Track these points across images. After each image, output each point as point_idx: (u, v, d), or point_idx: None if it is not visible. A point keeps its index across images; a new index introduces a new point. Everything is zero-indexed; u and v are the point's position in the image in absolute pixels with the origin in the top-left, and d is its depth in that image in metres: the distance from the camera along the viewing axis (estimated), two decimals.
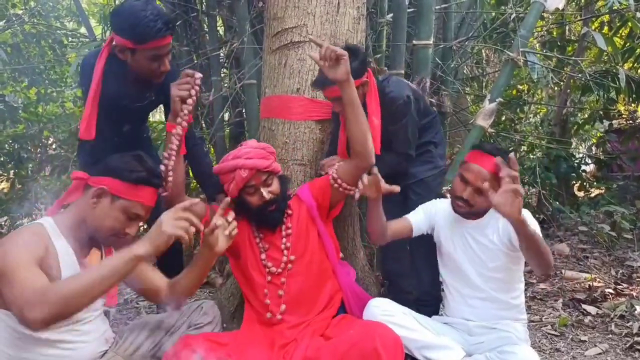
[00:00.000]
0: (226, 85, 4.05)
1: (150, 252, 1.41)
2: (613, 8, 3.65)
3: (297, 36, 2.38)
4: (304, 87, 2.39)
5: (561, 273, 3.49)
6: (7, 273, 1.37)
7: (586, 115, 5.98)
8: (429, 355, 1.85)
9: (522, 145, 5.46)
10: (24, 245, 1.45)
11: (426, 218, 2.16)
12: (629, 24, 4.33)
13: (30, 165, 6.07)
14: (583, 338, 2.55)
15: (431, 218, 2.16)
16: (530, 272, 3.58)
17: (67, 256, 1.56)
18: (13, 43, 5.40)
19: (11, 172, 5.89)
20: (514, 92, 5.89)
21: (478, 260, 2.02)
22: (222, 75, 4.14)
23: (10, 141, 5.87)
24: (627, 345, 2.44)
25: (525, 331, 2.05)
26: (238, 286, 2.58)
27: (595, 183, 5.65)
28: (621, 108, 6.51)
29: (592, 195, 5.50)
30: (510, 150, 5.36)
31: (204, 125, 4.17)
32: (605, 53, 4.45)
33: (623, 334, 2.56)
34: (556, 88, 5.89)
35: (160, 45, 1.99)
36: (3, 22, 5.37)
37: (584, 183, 5.48)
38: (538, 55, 3.52)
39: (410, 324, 1.85)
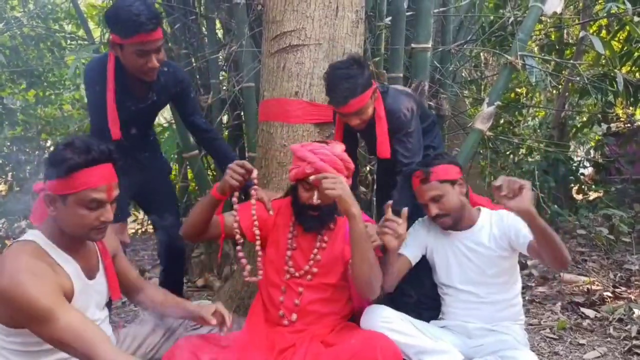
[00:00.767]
0: (225, 88, 4.04)
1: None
2: (611, 12, 3.67)
3: (296, 39, 2.38)
4: (303, 90, 2.39)
5: (560, 276, 3.49)
6: (44, 317, 1.31)
7: (584, 118, 6.00)
8: None
9: (521, 148, 5.48)
10: (39, 279, 1.36)
11: (417, 244, 2.16)
12: (627, 28, 4.35)
13: (28, 167, 6.06)
14: (582, 341, 2.55)
15: (421, 240, 2.16)
16: (528, 275, 3.58)
17: (70, 266, 1.52)
18: (12, 45, 5.39)
19: (9, 175, 5.88)
20: (513, 96, 5.91)
21: (476, 269, 2.02)
22: (221, 78, 4.14)
23: (8, 143, 5.86)
24: (626, 348, 2.43)
25: (524, 334, 2.05)
26: (236, 289, 2.58)
27: (593, 186, 5.65)
28: (619, 111, 6.53)
29: (591, 198, 5.51)
30: (508, 153, 5.39)
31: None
32: (603, 56, 4.46)
33: (621, 337, 2.56)
34: (554, 91, 5.91)
35: (145, 40, 1.99)
36: (2, 25, 5.36)
37: (582, 186, 5.49)
38: (536, 58, 3.52)
39: (408, 330, 1.85)
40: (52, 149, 1.53)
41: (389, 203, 1.89)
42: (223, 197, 1.90)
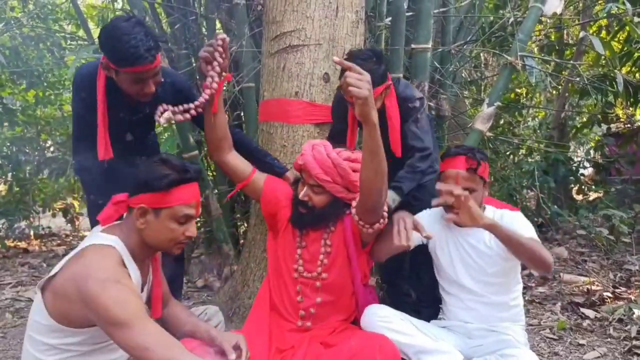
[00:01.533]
0: (225, 88, 4.04)
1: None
2: (611, 12, 3.67)
3: (296, 40, 2.38)
4: (303, 91, 2.39)
5: (559, 277, 3.49)
6: (125, 323, 1.34)
7: (584, 119, 6.00)
8: None
9: (521, 148, 5.47)
10: (123, 287, 1.40)
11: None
12: (627, 28, 4.35)
13: (28, 167, 6.06)
14: (581, 342, 2.55)
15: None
16: (528, 276, 3.58)
17: (135, 276, 1.55)
18: (11, 46, 5.40)
19: (9, 175, 5.89)
20: (513, 96, 5.91)
21: (476, 267, 2.01)
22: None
23: (8, 144, 5.86)
24: (626, 349, 2.43)
25: (524, 334, 2.04)
26: (236, 290, 2.58)
27: (593, 187, 5.65)
28: (619, 112, 6.53)
29: (591, 198, 5.51)
30: (508, 153, 5.39)
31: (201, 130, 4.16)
32: (603, 57, 4.46)
33: (621, 338, 2.56)
34: (554, 92, 5.91)
35: (142, 70, 1.91)
36: (2, 25, 5.37)
37: (582, 187, 5.49)
38: (536, 59, 3.53)
39: (407, 330, 1.85)
40: (145, 166, 1.60)
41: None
42: (205, 85, 1.93)
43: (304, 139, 2.38)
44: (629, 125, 6.47)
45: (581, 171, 5.64)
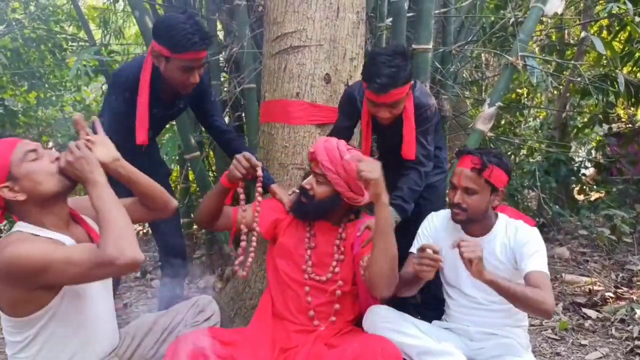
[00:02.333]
0: (226, 89, 4.04)
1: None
2: (612, 12, 3.67)
3: (297, 41, 2.38)
4: (304, 92, 2.39)
5: (561, 277, 3.49)
6: (44, 263, 1.36)
7: (585, 119, 5.99)
8: None
9: (522, 149, 5.47)
10: (27, 241, 1.42)
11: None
12: (628, 28, 4.35)
13: None
14: (583, 342, 2.55)
15: (429, 239, 2.09)
16: None
17: (64, 238, 1.52)
18: (13, 47, 5.40)
19: None
20: (514, 96, 5.90)
21: None
22: (222, 79, 4.14)
23: None
24: (628, 349, 2.43)
25: (526, 336, 2.03)
26: (238, 290, 2.58)
27: (595, 187, 5.65)
28: (620, 112, 6.52)
29: (592, 198, 5.51)
30: (509, 153, 5.39)
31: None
32: (604, 57, 4.46)
33: (623, 338, 2.56)
34: (555, 92, 5.90)
35: (194, 57, 2.04)
36: (3, 27, 5.37)
37: (584, 187, 5.48)
38: (537, 59, 3.52)
39: (410, 331, 1.84)
40: None
41: (431, 246, 1.77)
42: (230, 186, 1.92)
43: (305, 140, 2.38)
44: (631, 125, 6.45)
45: (582, 171, 5.63)
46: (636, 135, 5.82)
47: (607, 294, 3.13)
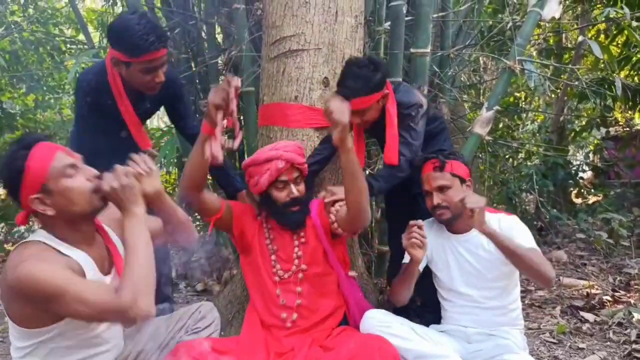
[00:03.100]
0: None
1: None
2: (609, 16, 3.68)
3: (296, 44, 2.38)
4: (302, 95, 2.39)
5: (559, 280, 3.49)
6: (57, 294, 1.32)
7: (583, 122, 6.01)
8: None
9: (520, 152, 5.48)
10: (44, 262, 1.37)
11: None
12: (625, 32, 4.36)
13: None
14: (581, 345, 2.55)
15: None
16: (528, 279, 3.58)
17: (80, 256, 1.50)
18: (11, 50, 5.41)
19: None
20: (512, 100, 5.92)
21: (475, 273, 2.02)
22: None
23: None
24: (625, 352, 2.43)
25: (523, 338, 2.04)
26: (236, 294, 2.58)
27: (592, 190, 5.67)
28: (618, 115, 6.54)
29: (590, 202, 5.52)
30: (507, 157, 5.40)
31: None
32: (601, 61, 4.47)
33: (621, 342, 2.56)
34: (553, 96, 5.92)
35: (153, 58, 2.00)
36: (2, 29, 5.38)
37: (582, 190, 5.50)
38: (535, 63, 3.54)
39: (407, 334, 1.84)
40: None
41: (416, 222, 1.91)
42: (211, 130, 1.83)
43: (303, 143, 2.38)
44: (628, 128, 6.48)
45: (580, 175, 5.65)
46: (633, 138, 5.84)
47: (605, 298, 3.13)
